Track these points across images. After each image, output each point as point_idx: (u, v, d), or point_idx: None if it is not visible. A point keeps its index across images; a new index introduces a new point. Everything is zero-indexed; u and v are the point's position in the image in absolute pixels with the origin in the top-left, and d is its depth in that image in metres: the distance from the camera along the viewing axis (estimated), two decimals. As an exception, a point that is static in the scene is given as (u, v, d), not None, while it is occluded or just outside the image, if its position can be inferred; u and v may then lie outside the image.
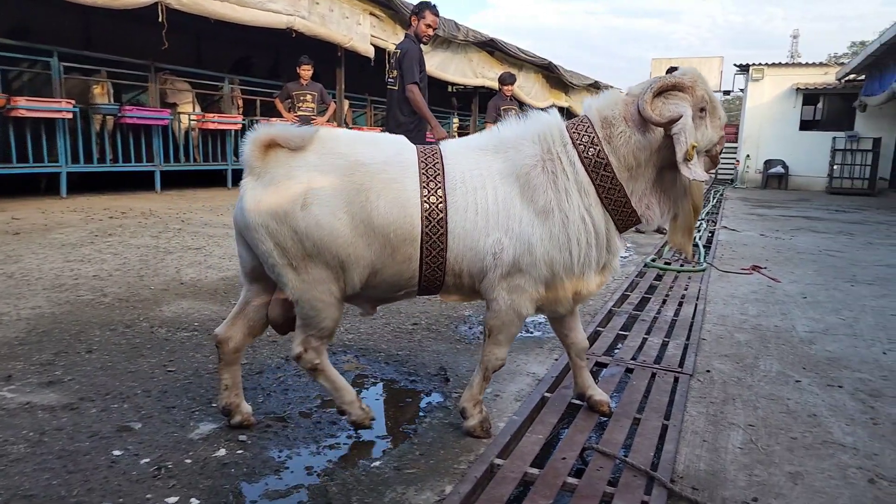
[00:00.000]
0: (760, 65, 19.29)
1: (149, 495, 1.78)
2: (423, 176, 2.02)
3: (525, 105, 13.77)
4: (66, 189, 7.74)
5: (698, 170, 2.01)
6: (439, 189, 2.01)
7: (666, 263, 5.55)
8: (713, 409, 2.52)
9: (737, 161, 20.14)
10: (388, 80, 5.51)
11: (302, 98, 8.23)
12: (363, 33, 10.26)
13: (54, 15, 9.78)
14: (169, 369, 2.71)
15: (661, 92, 2.05)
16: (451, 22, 11.92)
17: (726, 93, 23.43)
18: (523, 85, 15.42)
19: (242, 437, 2.14)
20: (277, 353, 2.97)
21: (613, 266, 2.19)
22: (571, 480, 1.92)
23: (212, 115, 9.82)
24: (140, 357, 2.82)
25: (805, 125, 19.12)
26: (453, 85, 14.91)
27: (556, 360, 2.99)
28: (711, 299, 4.37)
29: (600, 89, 17.91)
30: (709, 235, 7.83)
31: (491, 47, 13.96)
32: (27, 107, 7.05)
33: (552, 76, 17.63)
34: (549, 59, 16.52)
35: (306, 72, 8.19)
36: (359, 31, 10.18)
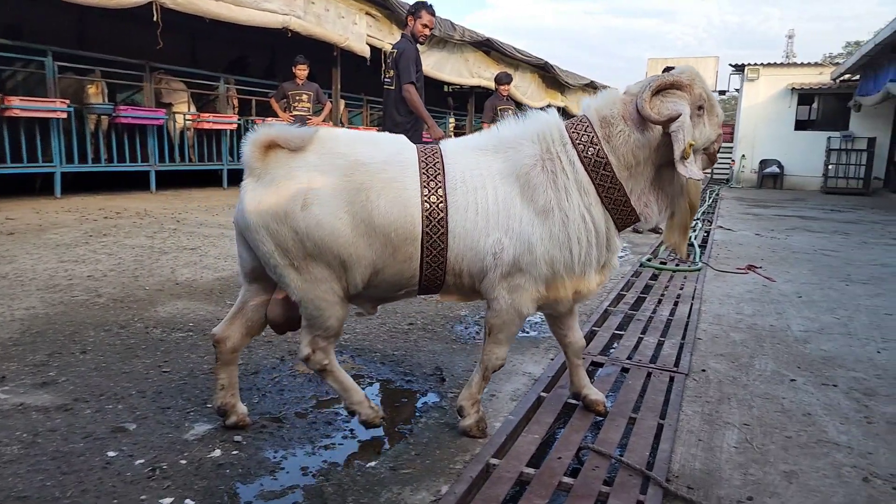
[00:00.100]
0: (756, 65, 19.33)
1: (143, 496, 1.77)
2: (424, 175, 2.02)
3: (521, 105, 13.77)
4: (60, 189, 7.69)
5: (694, 168, 2.02)
6: (440, 189, 2.01)
7: (662, 263, 5.56)
8: (709, 409, 2.52)
9: (732, 161, 20.18)
10: (385, 79, 5.51)
11: (298, 98, 8.20)
12: (359, 33, 10.25)
13: (49, 14, 9.73)
14: (164, 370, 2.70)
15: (659, 90, 2.05)
16: (447, 22, 11.92)
17: (722, 93, 23.47)
18: (519, 85, 15.43)
19: (238, 438, 2.13)
20: (273, 354, 2.96)
21: (613, 264, 2.20)
22: (567, 480, 1.93)
23: (207, 114, 9.79)
24: (135, 358, 2.81)
25: (800, 125, 19.16)
26: (449, 85, 14.88)
27: (552, 359, 3.00)
28: (707, 299, 4.38)
29: (596, 89, 18.01)
30: (704, 235, 7.85)
31: (487, 47, 13.95)
32: (21, 106, 7.00)
33: (548, 76, 17.64)
34: (546, 59, 16.52)
35: (302, 71, 8.17)
36: (355, 30, 10.16)
